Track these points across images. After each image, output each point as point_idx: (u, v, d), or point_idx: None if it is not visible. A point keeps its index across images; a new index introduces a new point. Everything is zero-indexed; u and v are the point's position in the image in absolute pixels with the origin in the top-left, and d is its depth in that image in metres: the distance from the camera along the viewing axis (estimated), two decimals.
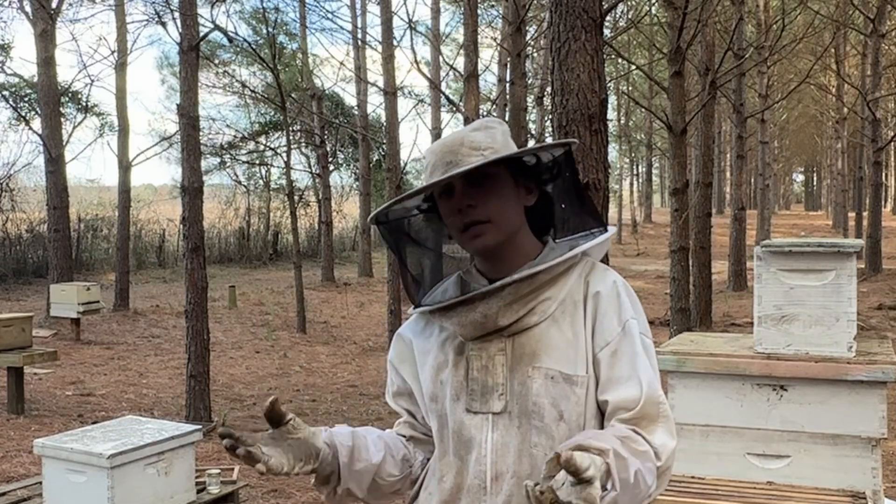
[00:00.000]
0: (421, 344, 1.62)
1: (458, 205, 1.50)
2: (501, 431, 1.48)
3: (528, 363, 1.48)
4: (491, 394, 1.50)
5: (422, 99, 24.91)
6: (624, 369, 1.47)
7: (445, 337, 1.57)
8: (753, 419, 2.93)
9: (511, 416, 1.48)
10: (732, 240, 17.14)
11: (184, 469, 4.03)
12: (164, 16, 10.33)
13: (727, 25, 14.65)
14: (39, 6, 13.05)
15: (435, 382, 1.55)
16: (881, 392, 2.82)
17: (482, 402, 1.50)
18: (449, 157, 1.51)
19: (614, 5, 6.80)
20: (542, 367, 1.47)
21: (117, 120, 16.53)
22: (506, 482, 1.46)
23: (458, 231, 1.52)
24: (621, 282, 1.54)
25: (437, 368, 1.56)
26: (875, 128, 17.54)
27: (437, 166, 1.52)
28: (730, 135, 32.34)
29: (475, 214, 1.49)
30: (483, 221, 1.49)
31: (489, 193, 1.50)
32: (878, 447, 2.85)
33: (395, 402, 1.69)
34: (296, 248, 14.13)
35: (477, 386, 1.51)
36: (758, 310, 3.07)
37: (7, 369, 7.34)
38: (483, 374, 1.50)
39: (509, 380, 1.49)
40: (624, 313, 1.50)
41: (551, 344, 1.48)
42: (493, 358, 1.50)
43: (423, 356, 1.61)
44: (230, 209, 26.74)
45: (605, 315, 1.50)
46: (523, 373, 1.48)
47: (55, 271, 13.05)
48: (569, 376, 1.47)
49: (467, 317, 1.48)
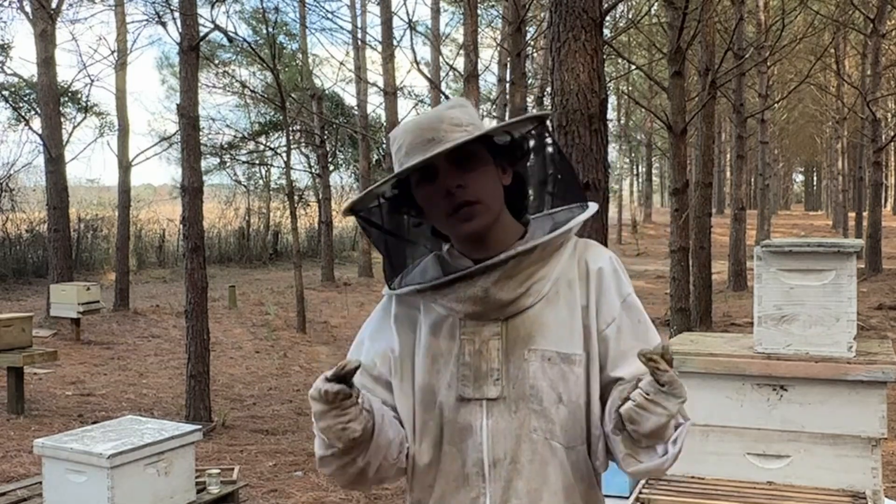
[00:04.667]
0: (405, 330, 1.53)
1: (446, 186, 1.42)
2: (497, 417, 1.44)
3: (523, 346, 1.44)
4: (485, 379, 1.45)
5: (422, 99, 24.90)
6: (631, 342, 1.44)
7: (433, 322, 1.50)
8: (753, 419, 2.93)
9: (507, 402, 1.44)
10: (732, 240, 17.14)
11: (184, 469, 4.03)
12: (164, 16, 10.33)
13: (727, 25, 14.65)
14: (39, 6, 13.04)
15: (431, 373, 1.48)
16: (881, 392, 2.82)
17: (475, 387, 1.45)
18: (429, 135, 1.41)
19: (614, 5, 6.80)
20: (539, 350, 1.44)
21: (117, 120, 16.53)
22: (504, 468, 1.44)
23: (446, 214, 1.44)
24: (615, 257, 1.52)
25: (433, 358, 1.49)
26: (875, 128, 17.53)
27: (416, 145, 1.42)
28: (730, 135, 32.35)
29: (465, 195, 1.41)
30: (473, 202, 1.42)
31: (476, 173, 1.43)
32: (878, 447, 2.84)
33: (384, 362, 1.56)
34: (296, 248, 14.13)
35: (469, 371, 1.45)
36: (758, 310, 3.06)
37: (7, 369, 7.34)
38: (476, 360, 1.45)
39: (504, 364, 1.44)
40: (623, 288, 1.49)
41: (547, 325, 1.45)
42: (486, 342, 1.45)
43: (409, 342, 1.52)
44: (230, 209, 26.74)
45: (607, 291, 1.47)
46: (519, 356, 1.44)
47: (55, 271, 13.05)
48: (567, 356, 1.44)
49: (465, 292, 1.41)
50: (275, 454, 6.20)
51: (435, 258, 1.55)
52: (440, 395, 1.47)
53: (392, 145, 1.49)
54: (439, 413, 1.48)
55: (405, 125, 1.47)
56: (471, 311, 1.44)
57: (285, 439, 6.86)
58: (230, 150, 26.14)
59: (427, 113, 1.48)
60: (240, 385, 9.39)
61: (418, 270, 1.55)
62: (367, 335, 1.59)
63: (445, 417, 1.47)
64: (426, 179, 1.44)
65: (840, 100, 24.37)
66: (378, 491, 5.10)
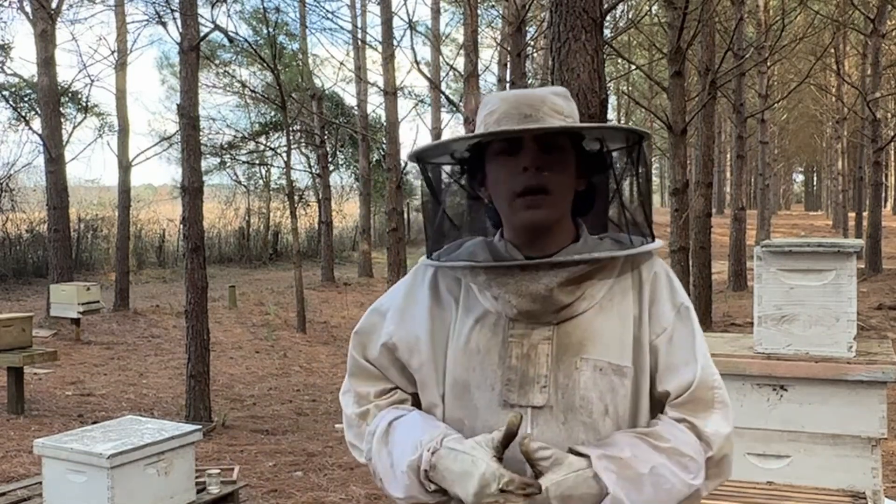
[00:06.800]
0: (439, 314, 1.45)
1: (527, 163, 1.33)
2: (542, 427, 1.36)
3: (574, 353, 1.37)
4: (532, 386, 1.36)
5: (422, 99, 24.93)
6: (681, 355, 1.38)
7: (476, 315, 1.42)
8: (753, 419, 2.93)
9: (553, 411, 1.36)
10: (732, 240, 17.15)
11: (184, 469, 4.02)
12: (164, 16, 10.32)
13: (727, 25, 14.66)
14: (39, 6, 13.04)
15: (468, 369, 1.40)
16: (881, 392, 2.82)
17: (520, 394, 1.37)
18: (528, 111, 1.35)
19: (614, 5, 6.81)
20: (591, 359, 1.36)
21: (117, 120, 16.52)
22: None
23: (513, 194, 1.35)
24: (668, 267, 1.46)
25: (470, 354, 1.40)
26: (875, 128, 17.53)
27: (510, 116, 1.35)
28: (730, 135, 32.34)
29: (542, 180, 1.33)
30: (545, 191, 1.34)
31: (559, 165, 1.36)
32: (878, 447, 2.85)
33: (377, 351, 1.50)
34: (296, 248, 14.14)
35: (515, 376, 1.37)
36: (758, 310, 3.06)
37: (7, 369, 7.34)
38: (524, 364, 1.37)
39: (553, 371, 1.37)
40: (677, 297, 1.42)
41: (599, 333, 1.37)
42: (535, 347, 1.37)
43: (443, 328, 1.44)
44: (230, 209, 26.74)
45: (660, 300, 1.41)
46: (569, 364, 1.37)
47: (55, 271, 13.05)
48: (618, 367, 1.37)
49: (528, 287, 1.32)
50: (275, 454, 6.20)
51: (483, 243, 1.44)
52: (476, 396, 1.40)
53: (482, 108, 1.42)
54: (473, 415, 1.40)
55: (504, 94, 1.40)
56: (528, 309, 1.36)
57: (285, 439, 6.86)
58: (230, 150, 26.14)
59: (530, 90, 1.41)
60: (240, 385, 9.39)
61: (465, 251, 1.43)
62: (394, 308, 1.51)
63: (482, 421, 1.39)
64: (507, 152, 1.36)
65: (840, 100, 24.36)
66: (378, 491, 5.10)
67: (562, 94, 1.42)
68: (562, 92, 1.42)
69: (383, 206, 16.88)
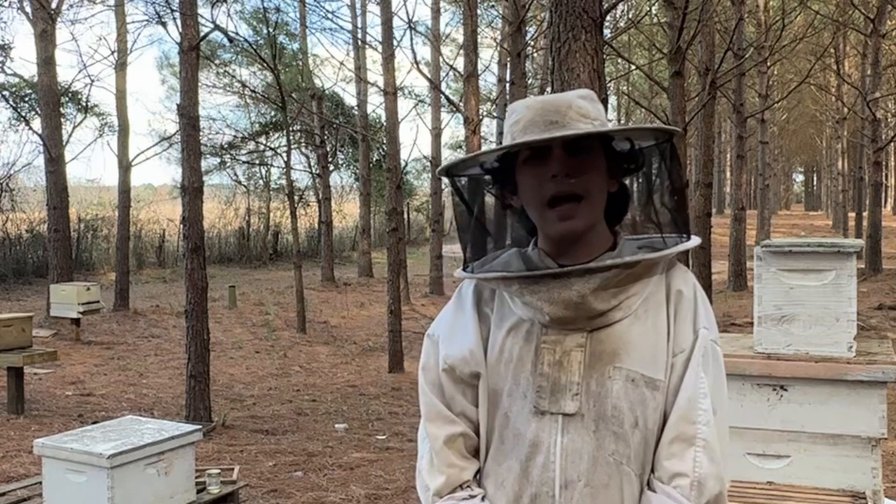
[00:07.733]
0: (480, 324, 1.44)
1: (556, 171, 1.32)
2: (573, 435, 1.34)
3: (608, 362, 1.35)
4: (563, 393, 1.35)
5: (422, 99, 24.90)
6: (687, 390, 1.36)
7: (510, 323, 1.41)
8: (753, 419, 2.93)
9: (584, 420, 1.34)
10: (732, 240, 17.15)
11: (184, 469, 4.02)
12: (164, 16, 10.32)
13: (727, 25, 14.66)
14: (39, 6, 13.05)
15: (503, 377, 1.39)
16: (881, 392, 2.82)
17: (552, 401, 1.35)
18: (553, 117, 1.34)
19: (614, 5, 6.81)
20: (624, 368, 1.35)
21: (117, 120, 16.54)
22: (577, 490, 1.34)
23: (544, 203, 1.34)
24: (699, 286, 1.44)
25: (506, 361, 1.39)
26: (875, 128, 17.53)
27: (536, 123, 1.34)
28: (730, 135, 32.34)
29: (572, 187, 1.32)
30: (578, 198, 1.32)
31: (589, 169, 1.34)
32: (878, 447, 2.84)
33: (466, 365, 1.43)
34: (296, 248, 14.14)
35: (546, 383, 1.35)
36: (758, 310, 3.06)
37: (7, 369, 7.34)
38: (556, 371, 1.36)
39: (585, 379, 1.35)
40: (699, 321, 1.39)
41: (633, 343, 1.36)
42: (568, 353, 1.36)
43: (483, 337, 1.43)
44: (230, 209, 26.76)
45: (683, 320, 1.39)
46: (602, 372, 1.35)
47: (55, 271, 13.06)
48: (651, 380, 1.35)
49: (560, 294, 1.32)
50: (275, 454, 6.20)
51: (518, 253, 1.44)
52: (505, 403, 1.39)
53: (508, 117, 1.41)
54: (503, 423, 1.39)
55: (529, 101, 1.39)
56: (560, 316, 1.34)
57: (285, 439, 6.86)
58: (230, 150, 26.15)
59: (555, 95, 1.39)
60: (240, 385, 9.39)
61: (500, 262, 1.44)
62: (444, 333, 1.48)
63: (511, 429, 1.38)
64: (535, 160, 1.36)
65: (840, 100, 24.37)
66: (378, 491, 5.10)
67: (588, 97, 1.40)
68: (588, 95, 1.41)
69: (383, 206, 16.87)
